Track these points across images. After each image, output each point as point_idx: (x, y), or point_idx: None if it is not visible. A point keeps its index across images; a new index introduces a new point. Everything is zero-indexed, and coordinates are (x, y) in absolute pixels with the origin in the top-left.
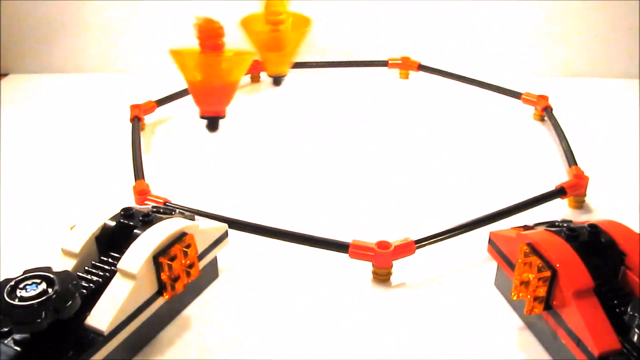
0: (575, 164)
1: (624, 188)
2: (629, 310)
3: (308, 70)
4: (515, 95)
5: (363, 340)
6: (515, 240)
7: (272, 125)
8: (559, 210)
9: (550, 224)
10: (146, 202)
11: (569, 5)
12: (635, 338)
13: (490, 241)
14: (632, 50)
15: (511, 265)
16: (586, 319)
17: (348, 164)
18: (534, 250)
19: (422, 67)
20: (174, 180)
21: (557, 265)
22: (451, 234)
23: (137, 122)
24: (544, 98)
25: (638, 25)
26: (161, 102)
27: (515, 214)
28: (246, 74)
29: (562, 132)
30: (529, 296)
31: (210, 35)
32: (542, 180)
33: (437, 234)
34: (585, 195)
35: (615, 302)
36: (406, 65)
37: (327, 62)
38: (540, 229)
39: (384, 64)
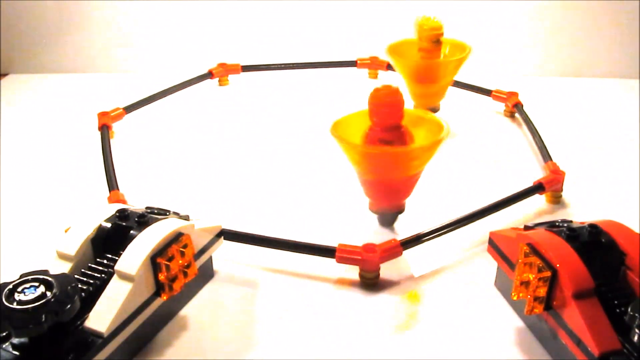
0: (551, 159)
1: (624, 188)
2: (629, 310)
3: (277, 72)
4: (486, 92)
5: (363, 341)
6: (515, 240)
7: (245, 129)
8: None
9: (551, 224)
10: None
11: (569, 5)
12: (636, 338)
13: (490, 241)
14: (632, 50)
15: (511, 265)
16: (586, 319)
17: (326, 165)
18: (534, 250)
19: (391, 67)
20: (153, 188)
21: (557, 265)
22: (436, 234)
23: (106, 131)
24: (514, 94)
25: (638, 25)
26: (129, 108)
27: (497, 210)
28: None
29: (535, 128)
30: (529, 296)
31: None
32: (517, 176)
33: (422, 234)
34: (562, 190)
35: (616, 302)
36: (375, 65)
37: (297, 63)
38: (541, 229)
39: (352, 64)
